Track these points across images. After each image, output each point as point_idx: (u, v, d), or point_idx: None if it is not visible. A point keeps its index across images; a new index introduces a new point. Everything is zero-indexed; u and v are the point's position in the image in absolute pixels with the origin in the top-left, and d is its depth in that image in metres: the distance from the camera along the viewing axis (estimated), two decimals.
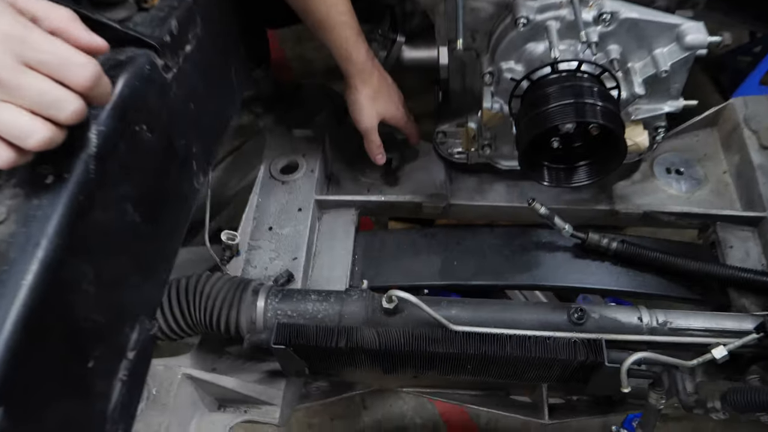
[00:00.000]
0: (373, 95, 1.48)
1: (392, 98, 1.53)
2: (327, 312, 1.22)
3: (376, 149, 1.56)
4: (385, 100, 1.51)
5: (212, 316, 1.23)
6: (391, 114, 1.53)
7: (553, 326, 1.19)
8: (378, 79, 1.49)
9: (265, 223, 1.55)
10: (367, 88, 1.47)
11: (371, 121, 1.50)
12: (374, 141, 1.54)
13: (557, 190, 1.66)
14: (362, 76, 1.46)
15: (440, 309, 1.21)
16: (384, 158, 1.58)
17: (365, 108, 1.49)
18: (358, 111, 1.50)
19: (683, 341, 1.17)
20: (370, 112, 1.49)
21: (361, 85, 1.47)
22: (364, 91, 1.47)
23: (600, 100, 1.24)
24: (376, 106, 1.49)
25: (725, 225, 1.58)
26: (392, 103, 1.53)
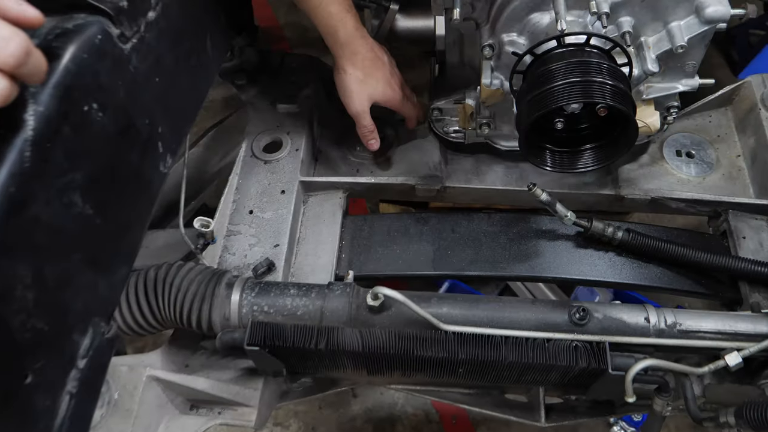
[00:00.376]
0: (362, 77, 1.35)
1: (386, 78, 1.40)
2: (307, 308, 1.12)
3: (368, 134, 1.44)
4: (377, 81, 1.38)
5: (182, 311, 1.13)
6: (386, 96, 1.40)
7: (553, 326, 1.10)
8: (370, 59, 1.35)
9: (246, 206, 1.44)
10: (356, 69, 1.34)
11: (361, 104, 1.38)
12: (366, 125, 1.42)
13: (559, 174, 1.56)
14: (350, 55, 1.33)
15: (430, 306, 1.11)
16: (378, 143, 1.46)
17: (354, 91, 1.36)
18: (347, 94, 1.37)
19: (694, 345, 1.08)
20: (360, 95, 1.37)
21: (350, 66, 1.34)
22: (352, 72, 1.34)
23: (610, 79, 1.13)
24: (366, 88, 1.36)
25: (738, 213, 1.48)
26: (386, 84, 1.39)
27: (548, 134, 1.27)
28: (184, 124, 1.13)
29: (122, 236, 0.93)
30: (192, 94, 1.16)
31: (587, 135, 1.24)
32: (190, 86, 1.15)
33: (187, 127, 1.15)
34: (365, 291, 1.13)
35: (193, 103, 1.17)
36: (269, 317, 1.12)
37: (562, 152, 1.25)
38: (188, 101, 1.15)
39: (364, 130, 1.43)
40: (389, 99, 1.41)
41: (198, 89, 1.19)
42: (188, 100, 1.15)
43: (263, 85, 1.63)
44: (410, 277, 1.41)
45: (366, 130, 1.43)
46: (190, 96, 1.16)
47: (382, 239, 1.46)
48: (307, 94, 1.60)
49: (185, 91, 1.13)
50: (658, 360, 1.00)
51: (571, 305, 1.11)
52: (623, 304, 1.14)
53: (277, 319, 1.12)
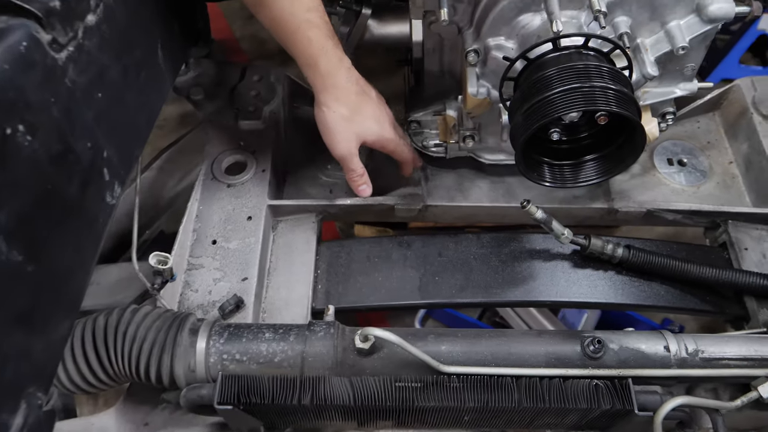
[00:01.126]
0: (348, 114, 1.18)
1: (376, 115, 1.22)
2: (286, 354, 0.97)
3: (357, 179, 1.27)
4: (366, 119, 1.21)
5: (139, 364, 0.97)
6: (377, 136, 1.23)
7: (565, 361, 0.98)
8: (355, 93, 1.19)
9: (208, 235, 1.29)
10: (340, 105, 1.17)
11: (348, 147, 1.21)
12: (354, 170, 1.25)
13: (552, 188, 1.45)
14: (333, 89, 1.16)
15: (427, 345, 0.98)
16: (369, 190, 1.29)
17: (339, 132, 1.19)
18: (331, 134, 1.20)
19: (721, 375, 0.97)
20: (347, 135, 1.20)
21: (333, 101, 1.17)
22: (336, 110, 1.17)
23: (613, 83, 1.02)
24: (353, 127, 1.19)
25: (738, 224, 1.40)
26: (377, 123, 1.22)
27: (543, 147, 1.16)
28: (134, 146, 0.97)
29: (61, 285, 0.77)
30: (142, 112, 1.01)
31: (587, 145, 1.14)
32: (140, 102, 0.99)
33: (138, 149, 0.99)
34: (352, 331, 0.99)
35: (143, 121, 1.01)
36: (242, 366, 0.97)
37: (562, 165, 1.14)
38: (138, 120, 1.00)
39: (352, 174, 1.26)
40: (381, 140, 1.24)
41: (149, 106, 1.04)
42: (138, 118, 0.99)
43: (223, 100, 1.48)
44: (395, 307, 1.27)
45: (355, 175, 1.26)
46: (141, 114, 1.00)
47: (361, 267, 1.32)
48: (273, 109, 1.45)
49: (134, 109, 0.98)
50: (688, 397, 0.89)
51: (583, 336, 0.99)
52: (639, 331, 1.03)
53: (252, 368, 0.97)
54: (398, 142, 1.28)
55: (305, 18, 1.09)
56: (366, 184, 1.28)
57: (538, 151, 1.16)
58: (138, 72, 0.98)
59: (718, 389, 1.15)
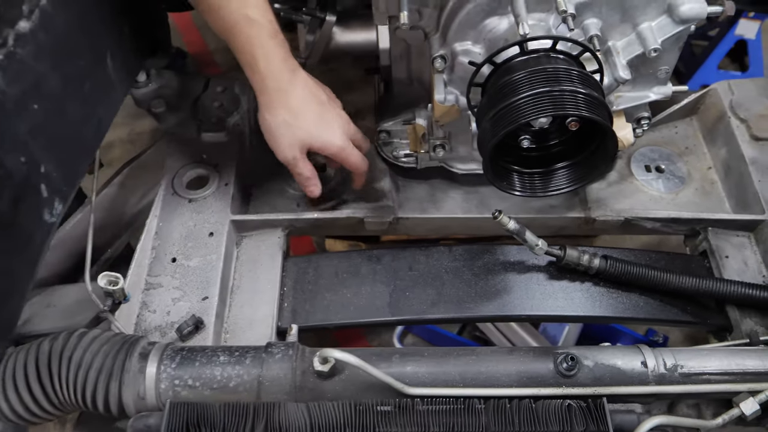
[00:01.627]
0: (290, 119, 1.12)
1: (323, 120, 1.16)
2: (241, 378, 0.91)
3: (305, 181, 1.22)
4: (311, 124, 1.14)
5: (85, 392, 0.91)
6: (323, 142, 1.16)
7: (537, 379, 0.92)
8: (300, 97, 1.12)
9: (167, 253, 1.23)
10: (282, 110, 1.11)
11: (291, 152, 1.15)
12: (301, 173, 1.20)
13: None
14: (274, 92, 1.10)
15: (391, 366, 0.93)
16: (319, 189, 1.24)
17: (280, 136, 1.14)
18: (272, 140, 1.15)
19: (701, 391, 0.93)
20: (289, 141, 1.14)
21: (274, 106, 1.11)
22: (278, 114, 1.11)
23: (582, 87, 0.98)
24: (296, 133, 1.13)
25: (718, 231, 1.36)
26: (323, 128, 1.16)
27: (513, 154, 1.12)
28: (78, 160, 0.92)
29: None
30: (88, 124, 0.95)
31: (558, 152, 1.10)
32: (84, 114, 0.94)
33: (83, 164, 0.94)
34: (312, 352, 0.93)
35: (90, 134, 0.96)
36: (195, 393, 0.91)
37: (532, 174, 1.09)
38: (84, 133, 0.94)
39: (299, 177, 1.22)
40: (329, 146, 1.17)
41: (97, 118, 0.99)
42: (84, 131, 0.94)
43: (185, 112, 1.43)
44: (364, 325, 1.22)
45: (302, 178, 1.21)
46: (86, 126, 0.95)
47: (329, 283, 1.27)
48: (236, 121, 1.40)
49: (78, 121, 0.92)
50: (667, 416, 0.84)
51: (556, 353, 0.94)
52: (615, 346, 0.98)
53: (205, 394, 0.91)
54: (349, 151, 1.20)
55: (244, 14, 1.03)
56: (315, 185, 1.23)
57: (509, 159, 1.12)
58: (82, 82, 0.93)
59: (701, 405, 1.10)
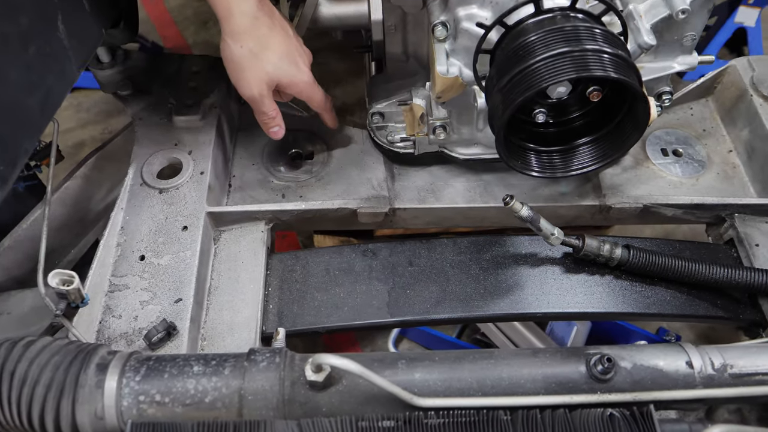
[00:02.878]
0: (257, 49, 1.03)
1: (290, 53, 1.08)
2: (219, 392, 0.77)
3: (269, 121, 1.14)
4: (279, 57, 1.06)
5: (31, 412, 0.76)
6: (291, 76, 1.08)
7: (569, 386, 0.79)
8: (267, 26, 1.04)
9: (135, 250, 1.08)
10: (249, 39, 1.02)
11: (258, 86, 1.07)
12: (265, 112, 1.11)
13: (530, 184, 1.28)
14: (240, 19, 1.01)
15: (397, 373, 0.79)
16: (282, 131, 1.16)
17: (246, 69, 1.05)
18: (236, 72, 1.06)
19: (757, 393, 0.79)
20: (255, 74, 1.05)
21: (240, 35, 1.02)
22: (244, 43, 1.02)
23: (608, 47, 0.86)
24: (262, 64, 1.05)
25: (745, 217, 1.24)
26: (290, 62, 1.08)
27: (528, 131, 0.99)
28: (19, 133, 0.77)
29: None
30: (33, 94, 0.81)
31: (579, 127, 0.97)
32: (28, 82, 0.79)
33: (26, 141, 0.79)
34: (302, 359, 0.79)
35: (35, 106, 0.81)
36: (164, 410, 0.77)
37: (551, 152, 0.96)
38: (27, 103, 0.80)
39: (263, 117, 1.13)
40: (296, 82, 1.10)
41: (45, 88, 0.84)
42: (27, 101, 0.79)
43: (156, 95, 1.28)
44: (360, 328, 1.08)
45: (266, 117, 1.12)
46: (31, 96, 0.80)
47: (319, 281, 1.13)
48: (213, 103, 1.26)
49: (20, 88, 0.78)
50: (727, 425, 0.71)
51: (588, 353, 0.81)
52: (653, 345, 0.85)
53: (176, 411, 0.76)
54: (313, 86, 1.14)
55: None
56: (279, 126, 1.15)
57: (523, 137, 0.99)
58: (24, 44, 0.78)
59: (743, 410, 0.98)
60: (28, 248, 1.28)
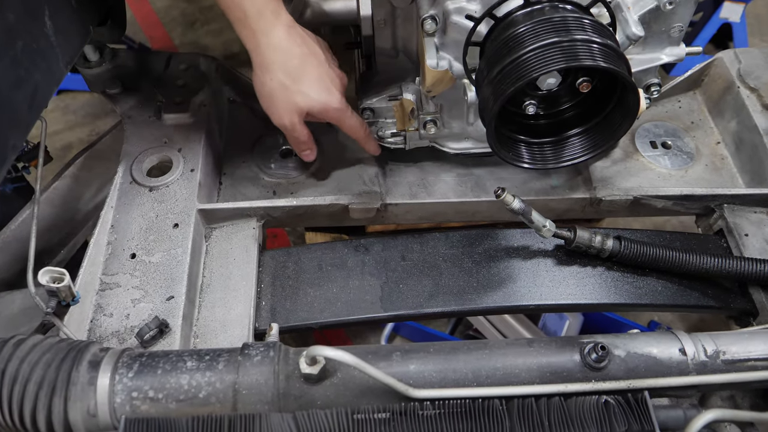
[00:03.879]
0: (288, 80, 1.02)
1: (322, 81, 1.06)
2: (213, 387, 0.76)
3: (301, 146, 1.15)
4: (311, 85, 1.04)
5: (23, 410, 0.75)
6: (322, 106, 1.07)
7: (563, 374, 0.79)
8: (298, 56, 1.02)
9: (125, 248, 1.08)
10: (279, 71, 1.01)
11: (290, 117, 1.06)
12: (298, 137, 1.12)
13: (521, 177, 1.29)
14: (270, 52, 0.99)
15: (392, 365, 0.79)
16: (314, 154, 1.18)
17: (277, 100, 1.04)
18: (268, 105, 1.06)
19: (750, 379, 0.80)
20: (286, 105, 1.04)
21: (270, 66, 1.00)
22: (274, 76, 1.01)
23: (597, 36, 0.86)
24: (295, 97, 1.04)
25: (734, 208, 1.25)
26: (323, 89, 1.06)
27: (519, 123, 0.99)
28: (6, 131, 0.76)
29: None
30: (20, 89, 0.80)
31: (570, 118, 0.97)
32: (15, 77, 0.79)
33: (13, 137, 0.78)
34: (297, 352, 0.79)
35: (22, 102, 0.81)
36: (157, 406, 0.76)
37: (542, 144, 0.97)
38: (13, 98, 0.79)
39: (295, 142, 1.15)
40: (326, 108, 1.07)
41: (32, 84, 0.83)
42: (13, 96, 0.79)
43: (145, 92, 1.27)
44: (354, 323, 1.08)
45: (298, 142, 1.14)
46: (17, 91, 0.79)
47: (312, 277, 1.13)
48: (203, 100, 1.25)
49: (7, 83, 0.77)
50: (721, 410, 0.71)
51: (582, 342, 0.81)
52: (647, 333, 0.85)
53: (170, 407, 0.76)
54: (348, 114, 1.13)
55: None
56: (310, 149, 1.17)
57: (513, 129, 0.99)
58: (11, 39, 0.77)
59: (736, 397, 0.99)
60: (16, 250, 1.27)
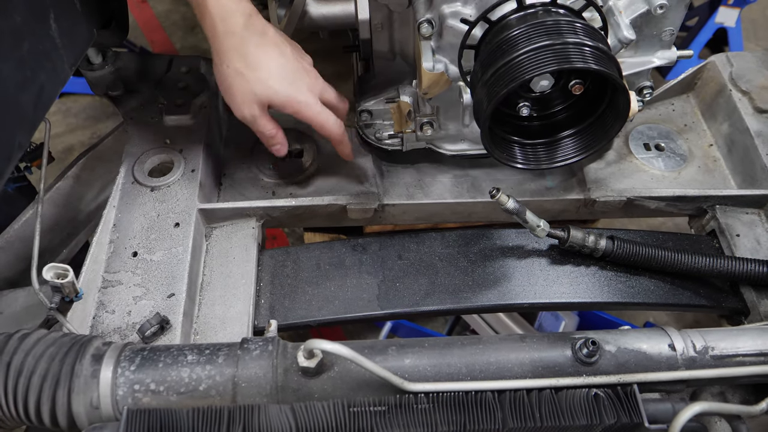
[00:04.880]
0: (245, 70, 1.00)
1: (285, 73, 1.04)
2: (213, 380, 0.78)
3: (268, 139, 1.10)
4: (270, 78, 1.02)
5: (27, 402, 0.77)
6: (284, 98, 1.04)
7: (555, 369, 0.81)
8: (257, 45, 1.00)
9: (127, 246, 1.09)
10: (236, 59, 0.99)
11: (249, 108, 1.03)
12: (262, 131, 1.08)
13: (516, 179, 1.31)
14: (228, 38, 0.98)
15: (387, 360, 0.80)
16: (284, 148, 1.13)
17: (233, 88, 1.02)
18: (226, 94, 1.04)
19: (738, 374, 0.82)
20: (245, 94, 1.02)
21: (228, 53, 0.99)
22: (230, 63, 1.00)
23: (588, 39, 0.88)
24: (252, 86, 1.01)
25: (726, 209, 1.27)
26: (285, 82, 1.03)
27: (513, 125, 1.01)
28: (13, 130, 0.78)
29: None
30: (26, 90, 0.82)
31: (562, 120, 0.99)
32: (21, 77, 0.81)
33: (20, 136, 0.80)
34: (295, 347, 0.81)
35: (28, 102, 0.83)
36: (159, 398, 0.78)
37: (535, 145, 0.99)
38: (20, 99, 0.81)
39: (261, 136, 1.10)
40: (290, 103, 1.04)
41: (37, 85, 0.85)
42: (20, 96, 0.81)
43: (146, 94, 1.30)
44: (352, 321, 1.10)
45: (264, 136, 1.10)
46: (23, 92, 0.82)
47: (311, 276, 1.15)
48: (203, 102, 1.27)
49: (13, 84, 0.79)
50: (707, 403, 0.73)
51: (574, 338, 0.83)
52: (637, 329, 0.87)
53: (171, 400, 0.78)
54: (317, 109, 1.07)
55: None
56: (280, 143, 1.12)
57: (507, 130, 1.02)
58: (17, 40, 0.80)
59: (726, 393, 1.01)
60: (19, 249, 1.29)
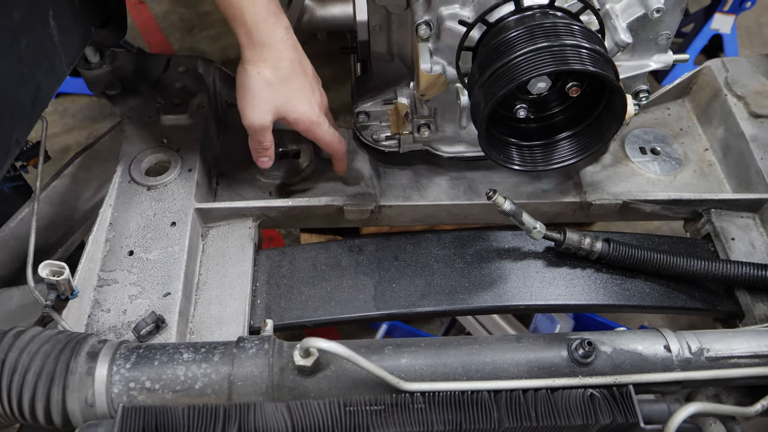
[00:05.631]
0: (273, 79, 1.00)
1: (306, 92, 1.05)
2: (209, 378, 0.78)
3: (261, 150, 1.11)
4: (293, 92, 1.03)
5: (21, 400, 0.77)
6: (299, 115, 1.05)
7: (551, 369, 0.81)
8: (288, 60, 1.01)
9: (123, 245, 1.09)
10: (267, 68, 0.99)
11: (262, 117, 1.03)
12: (261, 142, 1.09)
13: (512, 181, 1.31)
14: (260, 47, 0.98)
15: (383, 359, 0.81)
16: (270, 162, 1.13)
17: (257, 96, 1.01)
18: (247, 98, 1.02)
19: (733, 376, 0.82)
20: (265, 103, 1.02)
21: (260, 62, 0.99)
22: (262, 71, 0.99)
23: (586, 41, 0.89)
24: (276, 97, 1.02)
25: (721, 212, 1.28)
26: (304, 100, 1.05)
27: (510, 127, 1.02)
28: (11, 126, 0.78)
29: None
30: (24, 87, 0.82)
31: (559, 122, 1.00)
32: (19, 75, 0.81)
33: (17, 132, 0.80)
34: (291, 346, 0.81)
35: (26, 100, 0.83)
36: (154, 396, 0.78)
37: (532, 146, 0.99)
38: (18, 96, 0.81)
39: (258, 146, 1.10)
40: (306, 121, 1.07)
41: (36, 83, 0.85)
42: (18, 94, 0.81)
43: (144, 94, 1.30)
44: (348, 321, 1.10)
45: (260, 147, 1.10)
46: (21, 89, 0.82)
47: (307, 276, 1.15)
48: (200, 102, 1.27)
49: (11, 81, 0.79)
50: (702, 404, 0.73)
51: (570, 338, 0.83)
52: (633, 331, 0.88)
53: (166, 398, 0.78)
54: (325, 127, 1.11)
55: None
56: (268, 157, 1.13)
57: (504, 132, 1.02)
58: (16, 38, 0.80)
59: (721, 395, 1.01)
60: (14, 247, 1.28)
